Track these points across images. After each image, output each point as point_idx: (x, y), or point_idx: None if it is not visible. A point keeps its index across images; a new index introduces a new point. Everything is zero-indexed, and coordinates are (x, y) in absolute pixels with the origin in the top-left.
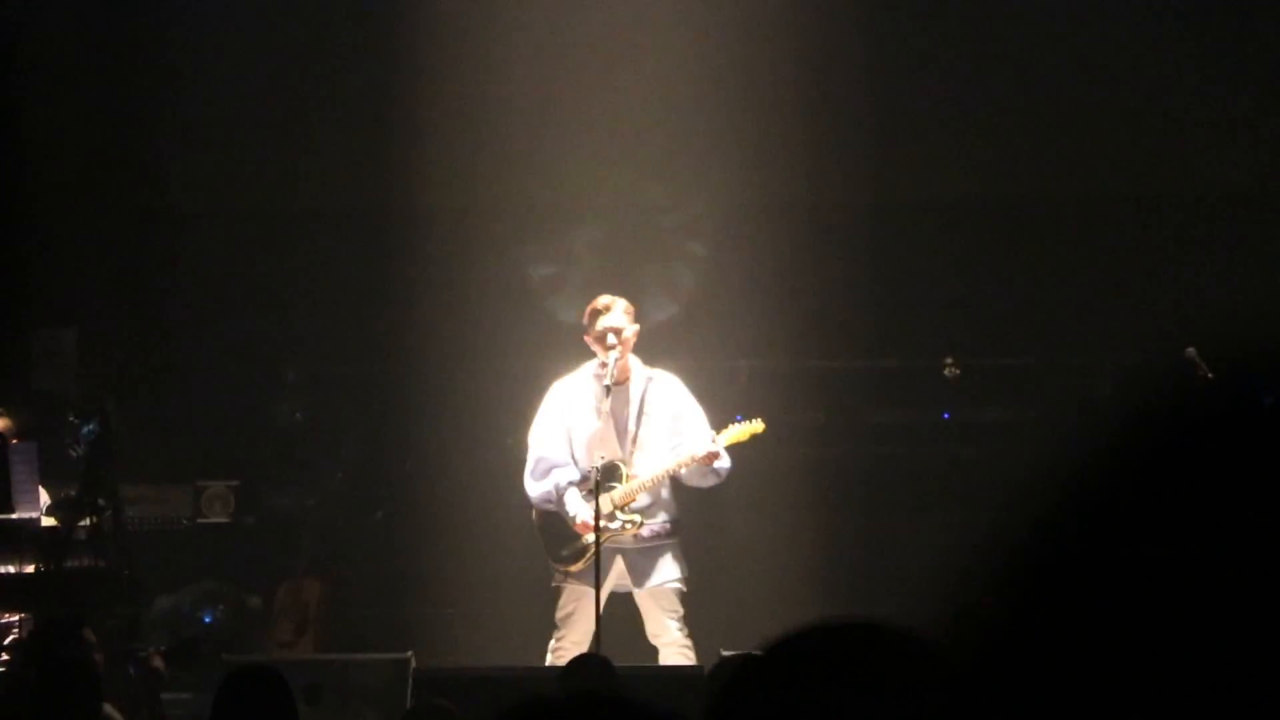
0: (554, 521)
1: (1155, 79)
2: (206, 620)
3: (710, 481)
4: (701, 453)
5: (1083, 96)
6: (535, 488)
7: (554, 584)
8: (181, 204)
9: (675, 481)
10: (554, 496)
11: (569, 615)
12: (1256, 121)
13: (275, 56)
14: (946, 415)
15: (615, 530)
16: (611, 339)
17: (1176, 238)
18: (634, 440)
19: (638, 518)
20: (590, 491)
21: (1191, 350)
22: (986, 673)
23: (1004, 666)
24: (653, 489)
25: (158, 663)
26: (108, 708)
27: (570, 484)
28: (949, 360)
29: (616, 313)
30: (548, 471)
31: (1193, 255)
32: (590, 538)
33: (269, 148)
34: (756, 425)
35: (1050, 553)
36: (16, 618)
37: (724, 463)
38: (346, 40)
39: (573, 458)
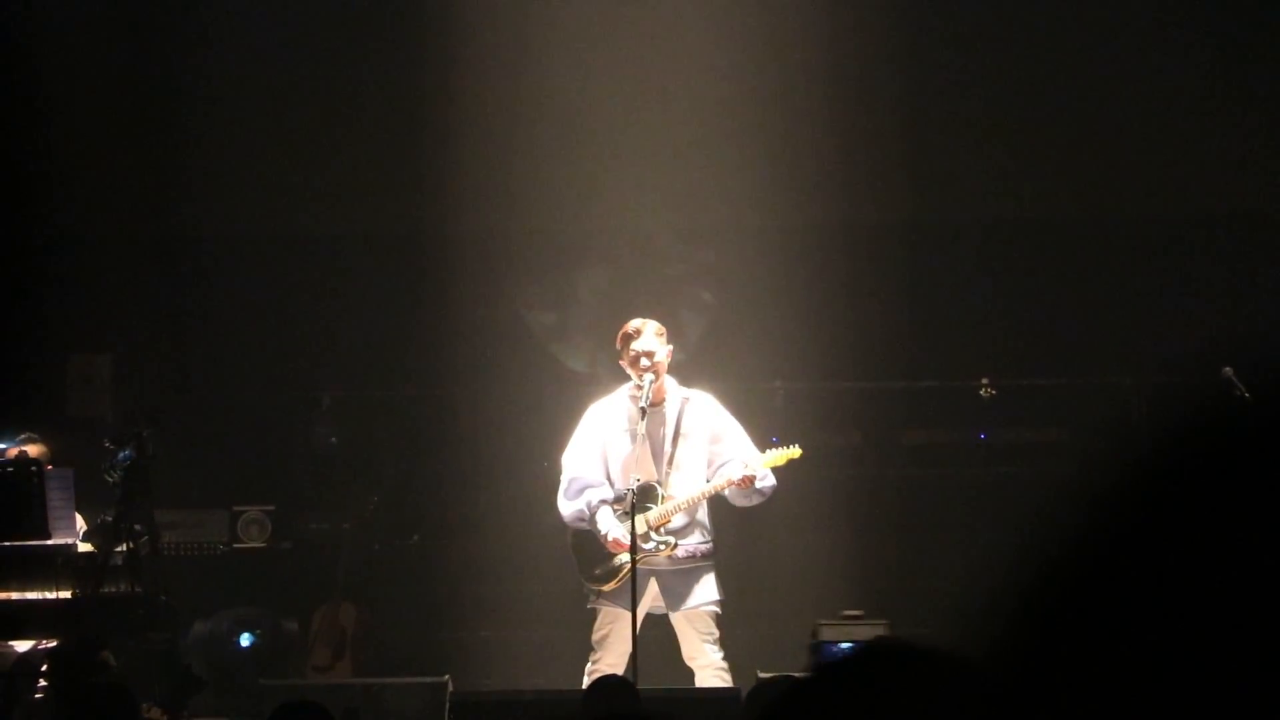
0: (587, 541)
1: (1192, 100)
2: (243, 645)
3: (755, 501)
4: (738, 476)
5: (1119, 117)
6: (568, 506)
7: (589, 605)
8: (216, 229)
9: (712, 503)
10: (586, 515)
11: (605, 637)
12: None
13: (310, 82)
14: (983, 435)
15: (650, 551)
16: (645, 362)
17: (1213, 257)
18: (670, 461)
19: (672, 539)
20: (625, 513)
21: (1228, 370)
22: (1026, 695)
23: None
24: (689, 510)
25: (155, 714)
26: None
27: (603, 502)
28: (985, 381)
29: (648, 335)
30: (581, 491)
31: (1229, 275)
32: (623, 558)
33: (303, 173)
34: (794, 451)
35: (1084, 574)
36: (54, 644)
37: (768, 482)
38: (381, 67)
39: (608, 479)
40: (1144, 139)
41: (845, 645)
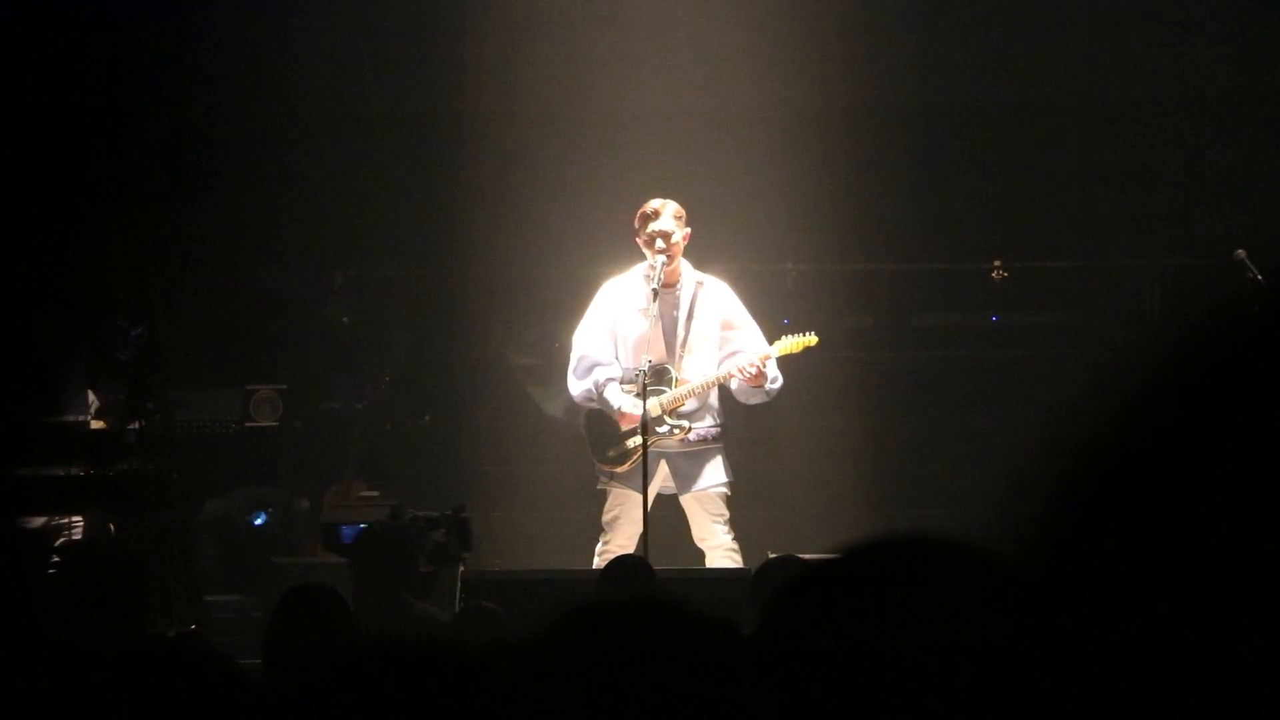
0: (600, 421)
1: None
2: (256, 523)
3: (758, 399)
4: (751, 369)
5: None
6: (577, 385)
7: (599, 487)
8: (230, 111)
9: (723, 387)
10: (594, 393)
11: (615, 519)
12: None
13: None
14: (995, 318)
15: (663, 435)
16: (660, 243)
17: (1224, 139)
18: (683, 344)
19: (686, 423)
20: (638, 394)
21: (1241, 252)
22: (1049, 586)
23: (1066, 579)
24: (701, 395)
25: None
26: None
27: (610, 380)
28: (996, 263)
29: (666, 217)
30: (590, 369)
31: (1240, 157)
32: (636, 439)
33: (318, 52)
34: (810, 339)
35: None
36: (66, 520)
37: (776, 384)
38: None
39: (618, 358)
40: (1158, 17)
41: (360, 526)
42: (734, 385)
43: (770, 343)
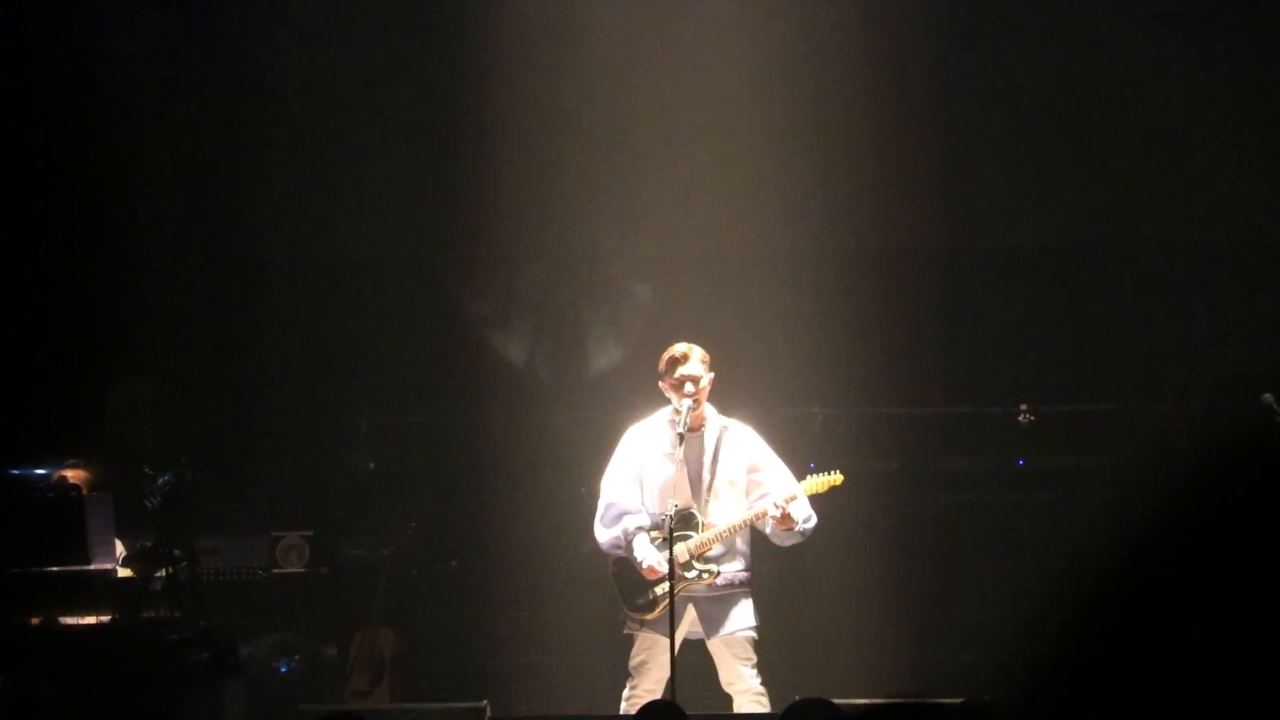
0: (629, 569)
1: (1233, 123)
2: (282, 670)
3: (794, 540)
4: (777, 511)
5: (1155, 144)
6: (604, 534)
7: (625, 632)
8: (254, 256)
9: (752, 531)
10: (623, 542)
11: (642, 664)
12: None
13: (346, 109)
14: (1021, 461)
15: (691, 580)
16: (689, 387)
17: (1251, 283)
18: (709, 489)
19: (714, 567)
20: (665, 540)
21: (1268, 396)
22: None
23: None
24: (727, 539)
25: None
26: None
27: (639, 529)
28: (1023, 407)
29: (694, 362)
30: (618, 518)
31: (1268, 301)
32: (664, 586)
33: (342, 199)
34: (835, 477)
35: (1126, 604)
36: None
37: (810, 523)
38: (416, 96)
39: (644, 504)
40: (1182, 164)
41: None
42: (768, 529)
43: (798, 482)
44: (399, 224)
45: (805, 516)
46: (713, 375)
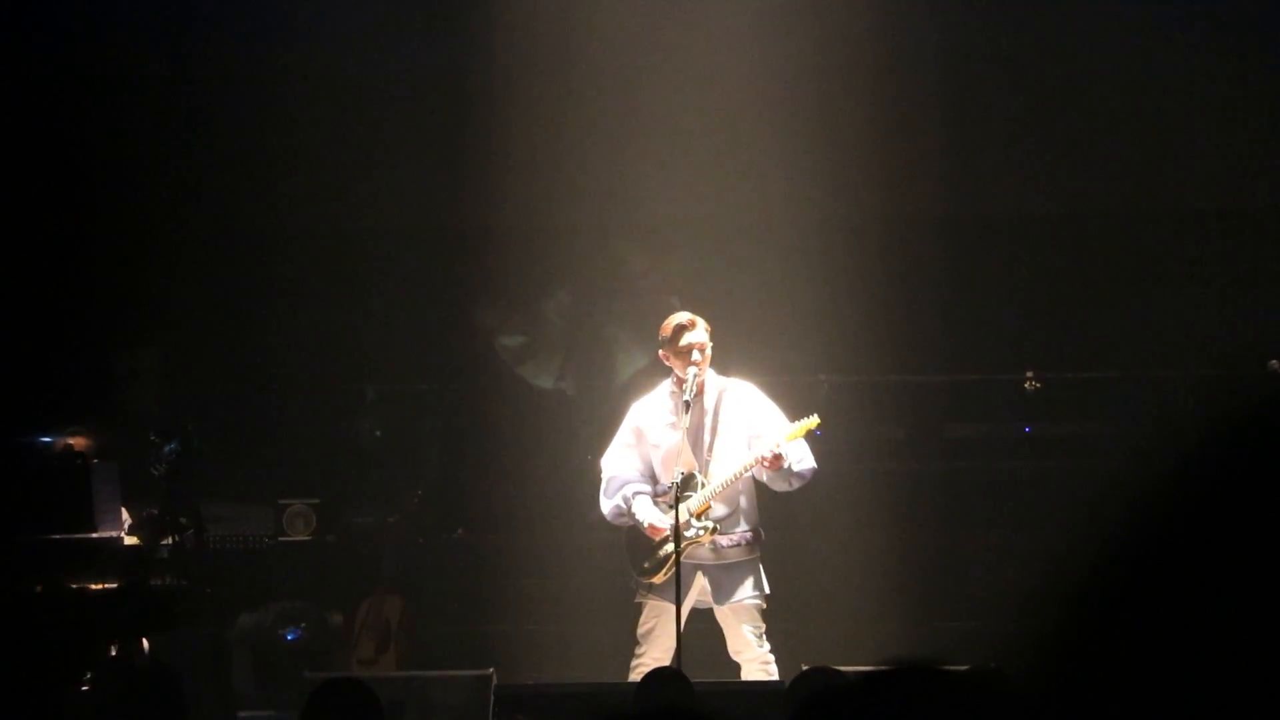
0: (636, 535)
1: (1240, 91)
2: (289, 638)
3: (794, 484)
4: (768, 454)
5: (1161, 110)
6: (607, 504)
7: (635, 600)
8: (262, 225)
9: (757, 493)
10: (624, 509)
11: (650, 631)
12: None
13: (354, 78)
14: (1028, 429)
15: (691, 539)
16: (697, 355)
17: (1258, 250)
18: (710, 450)
19: (712, 523)
20: (670, 506)
21: (1275, 363)
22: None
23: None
24: (728, 496)
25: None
26: None
27: (638, 493)
28: (1030, 374)
29: (700, 330)
30: (620, 487)
31: (1276, 268)
32: (669, 548)
33: (352, 168)
34: (811, 421)
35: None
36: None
37: (806, 464)
38: (426, 63)
39: (651, 476)
40: (1191, 131)
41: None
42: (764, 477)
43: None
44: (406, 192)
45: (799, 458)
46: (712, 344)
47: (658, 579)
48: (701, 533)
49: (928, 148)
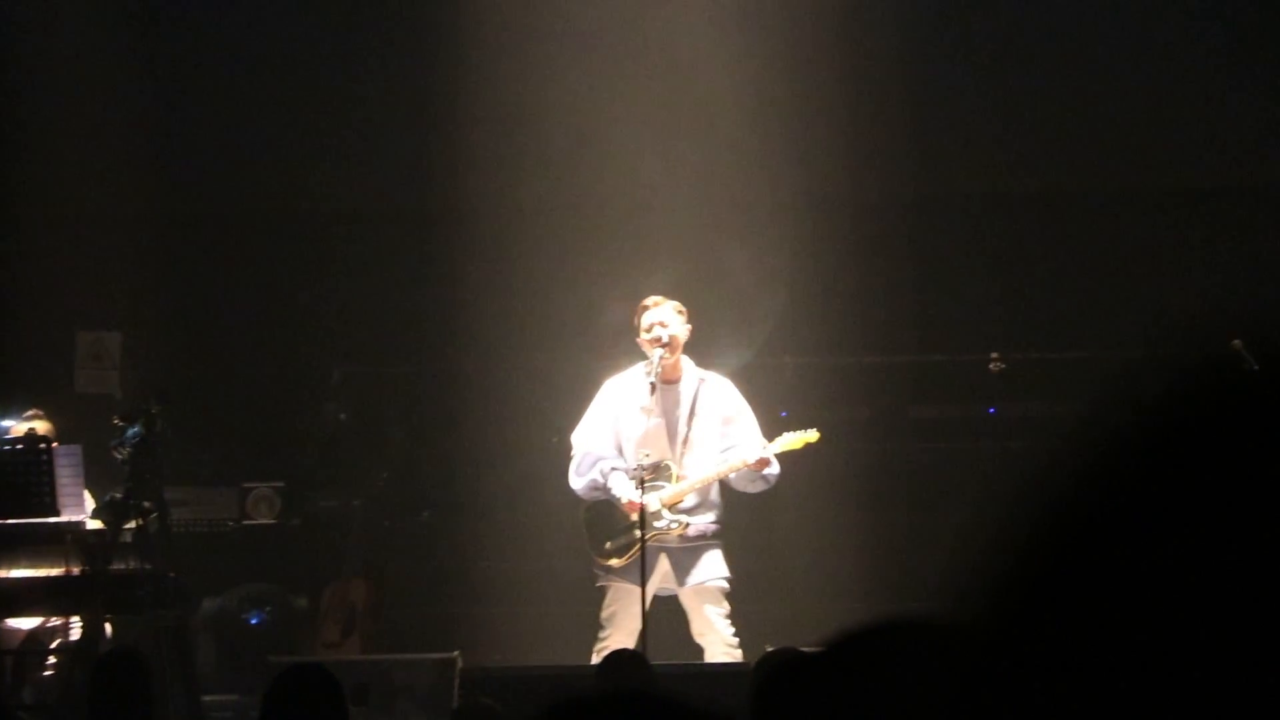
0: (599, 516)
1: (1201, 71)
2: (253, 622)
3: (759, 488)
4: (753, 459)
5: (1126, 89)
6: (580, 480)
7: (598, 584)
8: (226, 206)
9: (723, 483)
10: (600, 483)
11: (613, 615)
12: None
13: (319, 59)
14: (992, 410)
15: (661, 530)
16: (658, 331)
17: (1223, 230)
18: (684, 441)
19: (684, 518)
20: (638, 487)
21: (1238, 342)
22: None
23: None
24: (701, 491)
25: None
26: None
27: (615, 469)
28: (995, 355)
29: (665, 309)
30: (594, 463)
31: (1240, 247)
32: (635, 533)
33: (315, 150)
34: (810, 435)
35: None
36: (63, 621)
37: (773, 470)
38: (391, 45)
39: (620, 455)
40: (1153, 110)
41: None
42: (732, 478)
43: (771, 439)
44: (371, 174)
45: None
46: (689, 327)
47: (619, 562)
48: (674, 525)
49: (891, 129)
